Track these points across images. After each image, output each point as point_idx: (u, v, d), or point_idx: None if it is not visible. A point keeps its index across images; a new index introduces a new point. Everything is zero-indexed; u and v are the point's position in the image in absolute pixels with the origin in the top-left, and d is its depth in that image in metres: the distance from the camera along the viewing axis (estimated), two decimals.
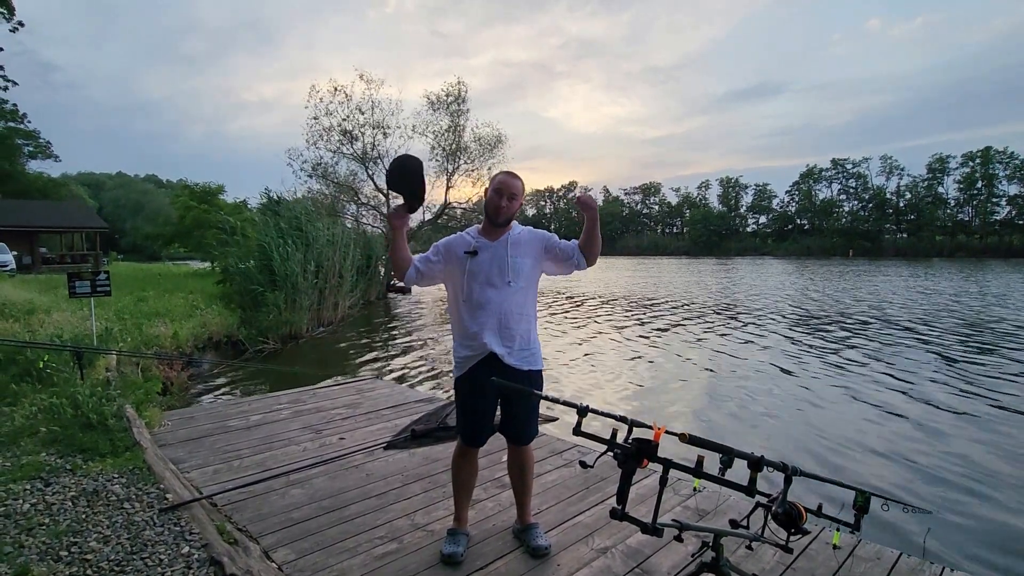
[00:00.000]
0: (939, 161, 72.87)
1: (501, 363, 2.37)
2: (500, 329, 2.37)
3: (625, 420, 1.77)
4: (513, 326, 2.38)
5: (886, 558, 2.55)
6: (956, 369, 8.50)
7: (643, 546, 2.61)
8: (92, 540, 2.50)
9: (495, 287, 2.37)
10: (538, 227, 2.63)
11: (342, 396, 5.42)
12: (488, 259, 2.39)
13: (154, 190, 76.42)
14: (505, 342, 2.38)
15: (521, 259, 2.42)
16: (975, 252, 64.28)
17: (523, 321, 2.42)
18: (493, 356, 2.37)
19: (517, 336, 2.39)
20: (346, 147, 23.62)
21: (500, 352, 2.36)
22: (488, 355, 2.37)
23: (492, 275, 2.38)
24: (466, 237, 2.49)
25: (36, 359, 5.31)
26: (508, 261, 2.39)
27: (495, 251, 2.40)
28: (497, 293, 2.37)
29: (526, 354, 2.43)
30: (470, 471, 2.59)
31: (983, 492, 4.38)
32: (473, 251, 2.41)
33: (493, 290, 2.37)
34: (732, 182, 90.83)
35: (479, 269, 2.39)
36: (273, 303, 11.40)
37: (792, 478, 1.63)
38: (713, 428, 5.94)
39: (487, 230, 2.47)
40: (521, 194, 2.46)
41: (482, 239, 2.45)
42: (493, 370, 2.34)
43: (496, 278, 2.38)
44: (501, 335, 2.37)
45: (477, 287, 2.38)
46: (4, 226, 26.30)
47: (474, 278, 2.39)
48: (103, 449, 3.58)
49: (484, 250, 2.41)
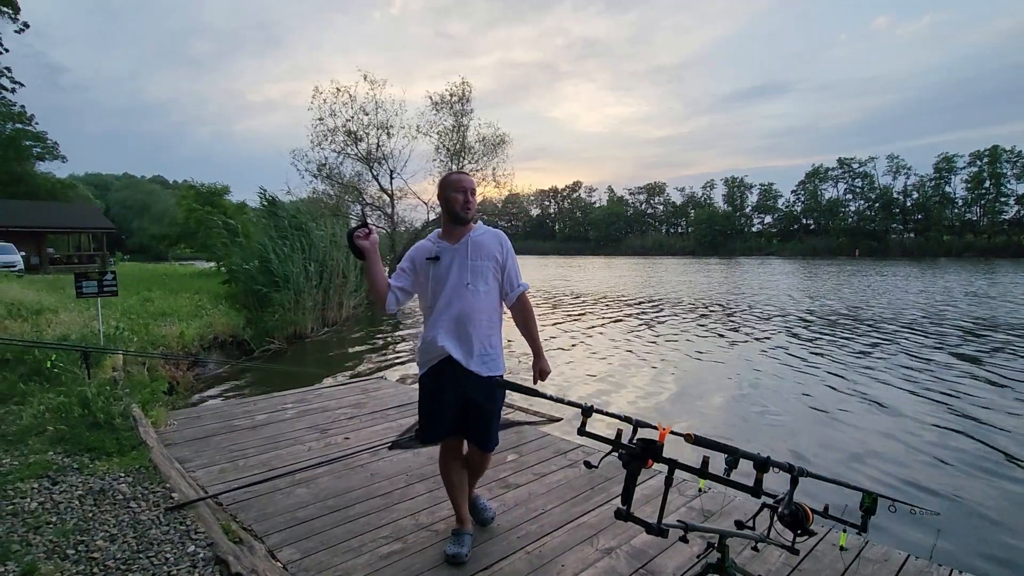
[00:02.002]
0: (946, 160, 72.31)
1: (461, 367, 2.36)
2: (459, 334, 2.36)
3: (630, 420, 1.76)
4: (472, 331, 2.36)
5: (893, 560, 2.53)
6: (965, 370, 8.44)
7: (648, 547, 2.60)
8: (99, 539, 2.52)
9: (456, 292, 2.36)
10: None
11: (347, 396, 5.43)
12: (448, 263, 2.38)
13: (160, 191, 76.78)
14: (463, 346, 2.37)
15: (482, 262, 2.40)
16: (983, 252, 63.75)
17: (483, 326, 2.39)
18: (451, 360, 2.36)
19: (477, 341, 2.37)
20: (351, 148, 23.69)
21: (458, 357, 2.35)
22: (446, 358, 2.37)
23: (453, 280, 2.37)
24: (427, 243, 2.48)
25: (44, 359, 5.35)
26: (468, 264, 2.38)
27: (456, 254, 2.40)
28: (458, 298, 2.36)
29: (486, 359, 2.40)
30: (457, 469, 2.59)
31: (992, 494, 4.35)
32: (435, 257, 2.40)
33: (454, 295, 2.36)
34: (737, 182, 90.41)
35: (441, 274, 2.38)
36: (278, 303, 11.44)
37: (798, 479, 1.62)
38: (718, 428, 5.91)
39: (448, 233, 2.46)
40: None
41: (443, 243, 2.43)
42: (452, 373, 2.37)
43: (457, 283, 2.36)
44: (460, 340, 2.36)
45: (440, 292, 2.38)
46: (12, 227, 26.49)
47: (437, 284, 2.39)
48: (110, 448, 3.60)
49: (445, 254, 2.40)
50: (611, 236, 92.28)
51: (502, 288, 2.48)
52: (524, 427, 4.53)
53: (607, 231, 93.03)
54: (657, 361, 9.39)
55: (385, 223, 24.06)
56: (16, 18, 18.77)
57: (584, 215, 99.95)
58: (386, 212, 24.14)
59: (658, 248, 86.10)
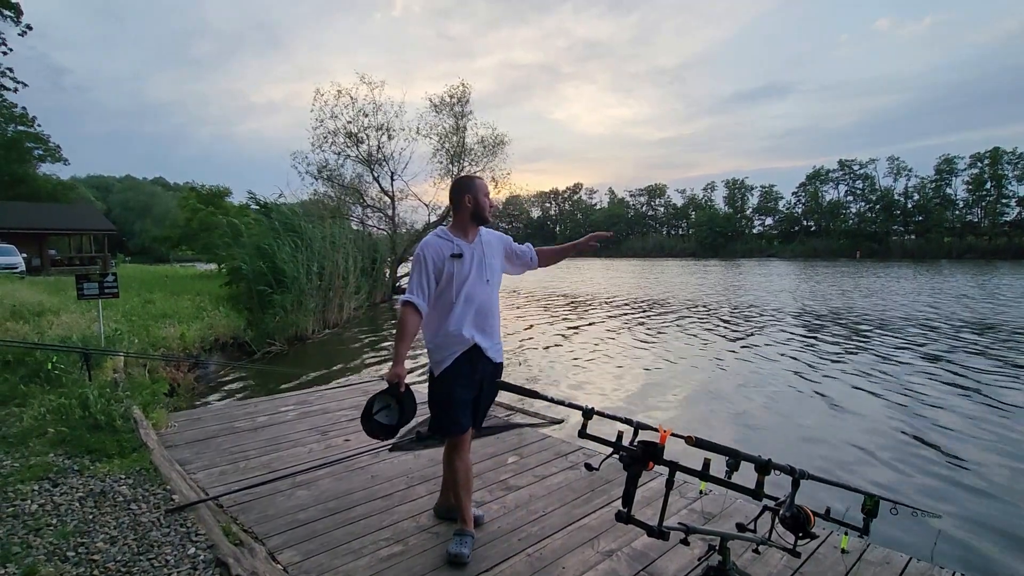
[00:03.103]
0: (947, 162, 72.24)
1: (484, 355, 2.54)
2: (483, 324, 2.54)
3: (631, 422, 1.76)
4: (491, 321, 2.58)
5: (895, 562, 2.52)
6: (968, 372, 8.42)
7: (649, 549, 2.60)
8: (99, 541, 2.52)
9: (476, 286, 2.53)
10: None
11: (348, 397, 5.43)
12: (471, 260, 2.54)
13: (161, 192, 76.89)
14: (487, 336, 2.55)
15: (494, 259, 2.65)
16: (984, 253, 63.62)
17: (496, 316, 2.63)
18: (477, 348, 2.52)
19: (493, 330, 2.60)
20: (351, 150, 23.71)
21: (484, 345, 2.53)
22: (472, 347, 2.51)
23: (474, 275, 2.53)
24: (443, 240, 2.55)
25: (45, 360, 5.35)
26: (486, 262, 2.58)
27: (475, 252, 2.57)
28: (480, 292, 2.54)
29: (499, 347, 2.65)
30: (466, 467, 2.60)
31: (995, 496, 4.34)
32: (458, 254, 2.53)
33: (477, 289, 2.53)
34: (738, 183, 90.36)
35: (464, 271, 2.52)
36: (280, 305, 11.45)
37: (800, 481, 1.62)
38: (719, 431, 5.90)
39: (463, 231, 2.60)
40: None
41: (461, 242, 2.57)
42: (477, 362, 2.52)
43: (477, 278, 2.54)
44: (485, 330, 2.55)
45: (462, 287, 2.50)
46: (14, 228, 26.54)
47: (459, 279, 2.50)
48: (110, 450, 3.60)
49: (466, 251, 2.55)
50: (611, 238, 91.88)
51: (523, 262, 2.80)
52: (525, 429, 4.53)
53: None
54: (658, 363, 9.38)
55: (386, 225, 24.09)
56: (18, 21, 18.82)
57: (585, 217, 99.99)
58: (387, 214, 24.16)
59: (659, 250, 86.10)
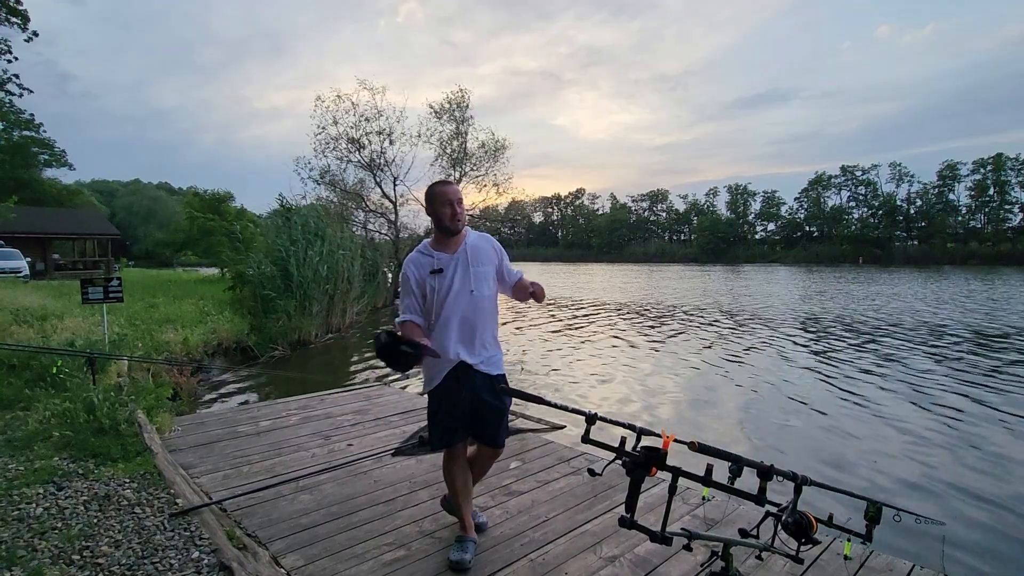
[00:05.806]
0: (950, 168, 72.13)
1: (473, 371, 2.44)
2: (469, 339, 2.44)
3: (634, 428, 1.76)
4: (479, 335, 2.45)
5: (898, 569, 2.52)
6: (974, 379, 8.39)
7: (652, 555, 2.59)
8: (103, 544, 2.53)
9: (460, 299, 2.41)
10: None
11: (351, 402, 5.44)
12: (452, 273, 2.42)
13: (166, 197, 77.21)
14: (473, 351, 2.44)
15: (483, 268, 2.48)
16: (987, 259, 63.36)
17: (488, 329, 2.49)
18: (464, 365, 2.43)
19: (484, 344, 2.47)
20: (353, 155, 23.80)
21: (471, 361, 2.43)
22: (459, 364, 2.43)
23: (456, 288, 2.41)
24: (422, 257, 2.48)
25: (49, 364, 5.38)
26: (471, 272, 2.44)
27: (457, 263, 2.44)
28: (463, 305, 2.42)
29: (492, 360, 2.50)
30: (463, 475, 2.60)
31: (1000, 503, 4.31)
32: (438, 270, 2.42)
33: (458, 303, 2.41)
34: (740, 189, 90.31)
35: (445, 285, 2.42)
36: (283, 309, 11.48)
37: (802, 487, 1.62)
38: (722, 436, 5.89)
39: (442, 243, 2.48)
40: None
41: (441, 255, 2.45)
42: (465, 378, 2.43)
43: (460, 290, 2.42)
44: (472, 345, 2.44)
45: (444, 302, 2.41)
46: (19, 233, 26.65)
47: (441, 294, 2.42)
48: (115, 454, 3.62)
49: (447, 265, 2.43)
50: (614, 243, 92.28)
51: (504, 282, 2.57)
52: (528, 434, 4.53)
53: (610, 238, 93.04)
54: (660, 368, 9.37)
55: (388, 229, 24.15)
56: (25, 27, 18.97)
57: (587, 222, 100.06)
58: (389, 219, 24.22)
59: (661, 255, 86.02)
